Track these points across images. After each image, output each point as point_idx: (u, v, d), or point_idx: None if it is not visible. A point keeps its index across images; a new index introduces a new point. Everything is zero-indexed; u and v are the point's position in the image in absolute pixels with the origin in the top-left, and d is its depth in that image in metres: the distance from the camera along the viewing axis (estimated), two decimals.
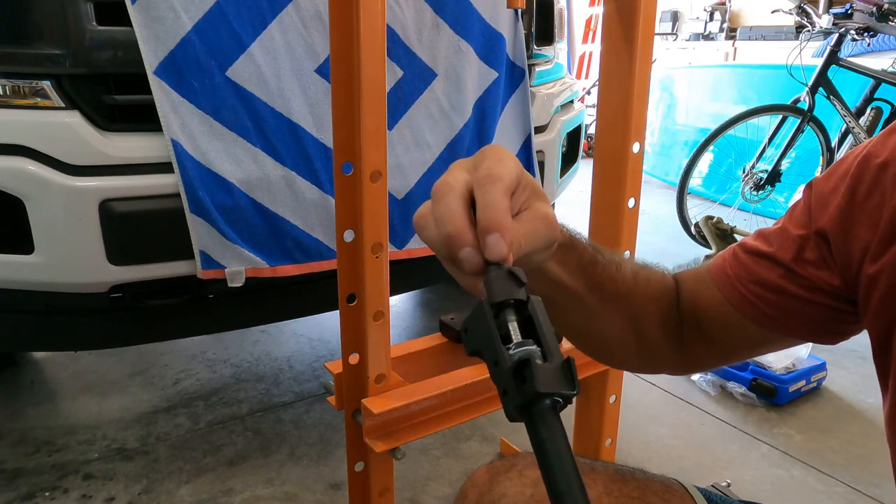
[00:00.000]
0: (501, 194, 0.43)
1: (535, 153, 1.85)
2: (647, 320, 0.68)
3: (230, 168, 1.38)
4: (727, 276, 0.66)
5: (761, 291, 0.63)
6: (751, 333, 0.66)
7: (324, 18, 1.40)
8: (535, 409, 0.38)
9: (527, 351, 0.40)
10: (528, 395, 0.38)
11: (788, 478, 1.68)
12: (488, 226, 0.42)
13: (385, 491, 1.22)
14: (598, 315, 0.65)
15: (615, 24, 1.12)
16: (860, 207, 0.57)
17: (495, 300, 0.41)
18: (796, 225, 0.63)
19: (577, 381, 0.39)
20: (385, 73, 1.00)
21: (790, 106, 3.34)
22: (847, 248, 0.58)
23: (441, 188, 0.44)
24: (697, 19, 7.03)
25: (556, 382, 0.38)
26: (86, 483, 1.65)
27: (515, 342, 0.41)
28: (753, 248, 0.66)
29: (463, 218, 0.43)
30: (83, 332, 1.57)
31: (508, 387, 0.39)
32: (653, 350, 0.70)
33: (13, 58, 1.27)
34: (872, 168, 0.57)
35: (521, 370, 0.39)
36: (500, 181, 0.43)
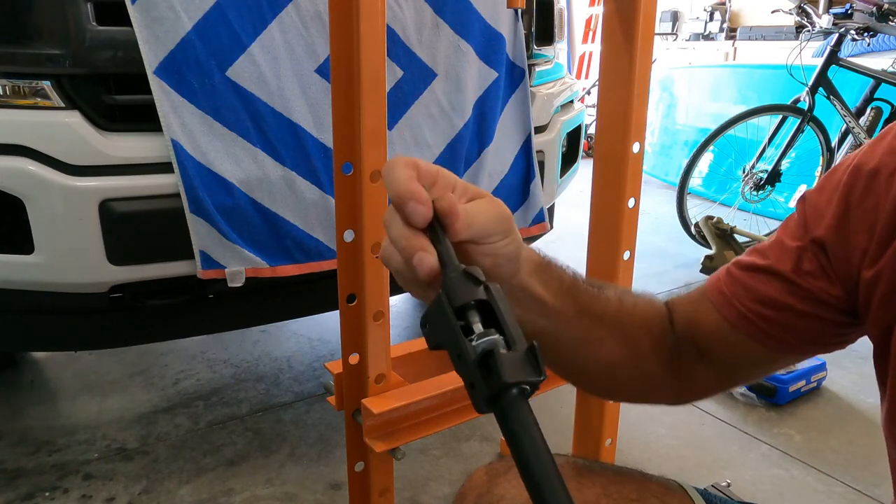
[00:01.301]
0: (403, 168, 0.46)
1: (535, 153, 1.85)
2: (640, 343, 0.67)
3: (230, 168, 1.38)
4: (724, 296, 0.65)
5: (761, 309, 0.63)
6: (753, 353, 0.65)
7: (324, 18, 1.40)
8: (504, 400, 0.38)
9: (490, 341, 0.40)
10: (495, 386, 0.38)
11: (788, 478, 1.68)
12: (399, 197, 0.45)
13: (385, 491, 1.22)
14: (590, 342, 0.65)
15: (615, 24, 1.12)
16: (855, 214, 0.57)
17: (456, 304, 0.41)
18: (792, 237, 0.63)
19: (542, 366, 0.39)
20: (385, 73, 1.00)
21: (790, 106, 3.34)
22: (846, 256, 0.58)
23: (385, 219, 0.48)
24: (697, 19, 7.03)
25: (522, 370, 0.38)
26: (86, 483, 1.65)
27: (477, 333, 0.40)
28: (749, 263, 0.65)
29: (404, 226, 0.46)
30: (83, 332, 1.57)
31: (475, 379, 0.39)
32: (650, 376, 0.69)
33: (13, 58, 1.27)
34: (864, 175, 0.57)
35: (485, 361, 0.39)
36: (401, 166, 0.47)
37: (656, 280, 3.05)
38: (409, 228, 0.46)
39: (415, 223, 0.45)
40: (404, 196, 0.45)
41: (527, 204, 1.89)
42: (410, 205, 0.45)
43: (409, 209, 0.45)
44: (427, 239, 0.45)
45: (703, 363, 0.68)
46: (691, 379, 0.69)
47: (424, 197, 0.45)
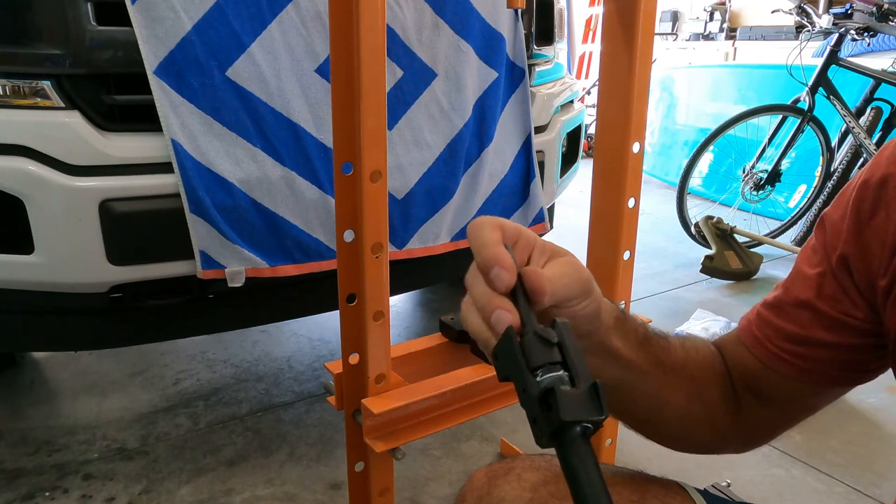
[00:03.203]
0: (490, 231, 0.48)
1: (535, 153, 1.85)
2: (710, 392, 0.68)
3: (230, 168, 1.38)
4: (756, 339, 0.67)
5: (791, 346, 0.63)
6: (798, 390, 0.66)
7: (324, 18, 1.40)
8: (565, 438, 0.38)
9: (553, 378, 0.40)
10: (555, 424, 0.38)
11: (788, 478, 1.68)
12: (485, 263, 0.46)
13: (385, 491, 1.22)
14: (665, 394, 0.65)
15: (615, 24, 1.12)
16: (868, 228, 0.58)
17: (531, 366, 0.42)
18: (811, 265, 0.63)
19: (605, 405, 0.39)
20: (385, 73, 1.00)
21: (790, 106, 3.34)
22: (866, 269, 0.58)
23: (467, 279, 0.50)
24: (697, 19, 7.03)
25: (582, 409, 0.38)
26: (86, 483, 1.65)
27: (543, 367, 0.41)
28: (774, 301, 0.66)
29: (486, 287, 0.47)
30: (83, 332, 1.57)
31: (536, 414, 0.39)
32: (719, 423, 0.69)
33: (13, 58, 1.27)
34: (872, 187, 0.58)
35: (546, 398, 0.39)
36: (489, 228, 0.48)
37: (656, 280, 3.05)
38: (489, 290, 0.46)
39: (497, 289, 0.46)
40: (489, 261, 0.46)
41: (527, 204, 1.89)
42: (495, 270, 0.46)
43: (493, 274, 0.46)
44: (508, 299, 0.46)
45: (761, 403, 0.69)
46: (754, 422, 0.70)
47: (510, 263, 0.46)
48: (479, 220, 0.48)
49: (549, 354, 0.42)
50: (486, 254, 0.46)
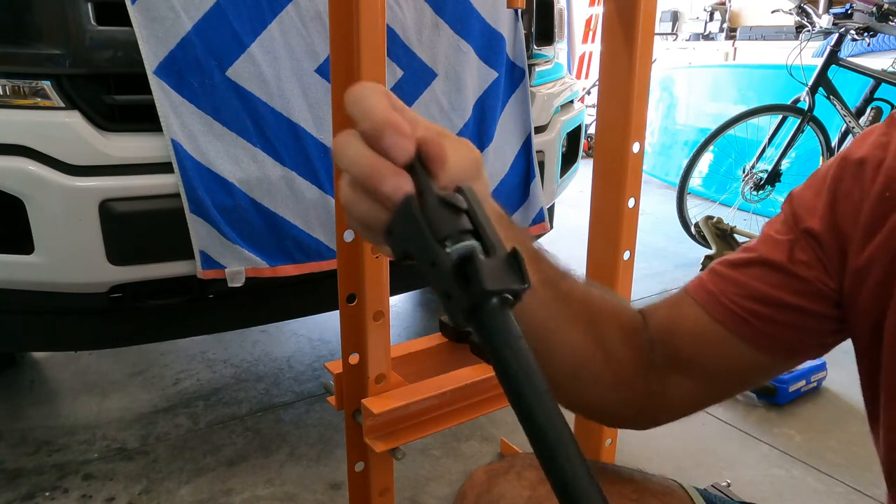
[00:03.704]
0: (377, 96, 0.40)
1: (535, 153, 1.85)
2: (609, 336, 0.62)
3: (230, 168, 1.38)
4: (711, 294, 0.63)
5: (752, 305, 0.61)
6: (739, 356, 0.62)
7: (324, 18, 1.40)
8: (484, 311, 0.34)
9: (467, 247, 0.35)
10: (474, 296, 0.34)
11: (788, 478, 1.68)
12: (377, 128, 0.38)
13: (385, 491, 1.22)
14: (553, 322, 0.59)
15: (615, 24, 1.12)
16: (843, 204, 0.58)
17: (440, 235, 0.36)
18: (781, 232, 0.62)
19: (526, 273, 0.35)
20: (385, 73, 1.00)
21: (790, 106, 3.34)
22: (838, 245, 0.58)
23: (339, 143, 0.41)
24: (697, 19, 7.03)
25: (503, 277, 0.35)
26: (86, 483, 1.65)
27: (451, 237, 0.36)
28: (739, 259, 0.63)
29: (369, 150, 0.39)
30: (83, 332, 1.57)
31: (451, 288, 0.35)
32: (620, 379, 0.63)
33: (13, 58, 1.27)
34: (851, 165, 0.58)
35: (463, 268, 0.35)
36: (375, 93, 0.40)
37: (656, 280, 3.05)
38: (375, 154, 0.39)
39: (394, 159, 0.39)
40: (383, 126, 0.38)
41: (527, 204, 1.89)
42: (391, 137, 0.38)
43: (390, 142, 0.38)
44: (401, 168, 0.39)
45: (681, 373, 0.64)
46: (666, 391, 0.65)
47: (408, 131, 0.39)
48: (360, 85, 0.40)
49: (457, 222, 0.37)
50: (377, 118, 0.38)
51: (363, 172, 0.39)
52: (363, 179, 0.39)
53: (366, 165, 0.39)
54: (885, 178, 0.56)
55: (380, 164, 0.38)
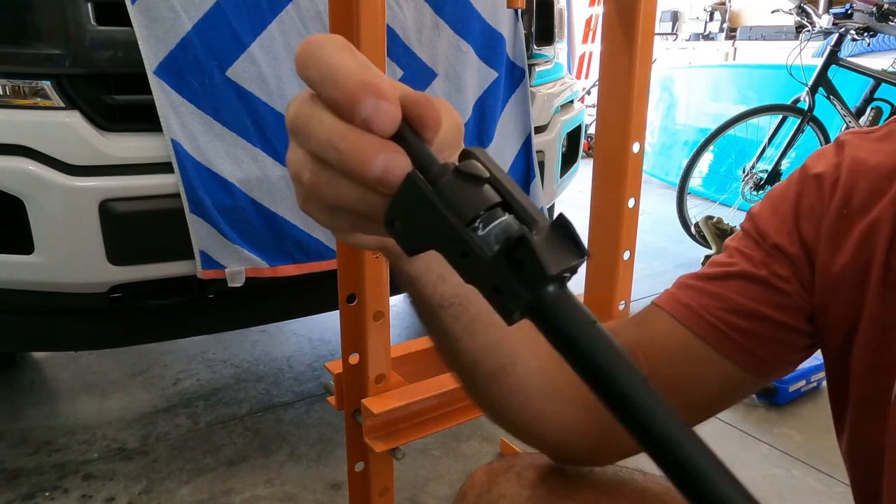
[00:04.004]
0: (341, 51, 0.31)
1: (535, 153, 1.85)
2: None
3: (230, 168, 1.38)
4: (689, 308, 0.60)
5: (733, 319, 0.59)
6: (721, 374, 0.60)
7: (324, 18, 1.40)
8: (548, 301, 0.28)
9: (509, 226, 0.29)
10: (535, 286, 0.27)
11: (788, 478, 1.68)
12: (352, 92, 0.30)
13: (385, 491, 1.22)
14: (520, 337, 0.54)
15: (615, 24, 1.12)
16: (806, 218, 0.59)
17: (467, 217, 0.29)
18: (750, 248, 0.61)
19: (581, 242, 0.29)
20: (385, 73, 1.00)
21: (790, 106, 3.34)
22: (807, 259, 0.59)
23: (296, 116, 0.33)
24: (697, 19, 7.03)
25: (559, 254, 0.28)
26: (86, 483, 1.65)
27: (481, 218, 0.29)
28: (715, 273, 0.61)
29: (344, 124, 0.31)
30: (83, 332, 1.57)
31: (500, 282, 0.28)
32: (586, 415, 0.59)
33: (13, 58, 1.27)
34: (810, 180, 0.60)
35: (512, 255, 0.28)
36: (336, 47, 0.32)
37: (656, 280, 3.05)
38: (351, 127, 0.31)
39: (379, 129, 0.30)
40: (357, 88, 0.30)
41: None
42: (372, 102, 0.30)
43: (371, 109, 0.30)
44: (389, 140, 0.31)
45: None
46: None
47: (390, 92, 0.30)
48: (315, 39, 0.32)
49: (483, 196, 0.29)
50: (349, 80, 0.30)
51: (341, 152, 0.30)
52: (342, 161, 0.31)
53: (344, 142, 0.30)
54: (842, 193, 0.57)
55: (362, 139, 0.30)
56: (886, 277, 0.55)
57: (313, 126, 0.31)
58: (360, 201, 0.32)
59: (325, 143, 0.31)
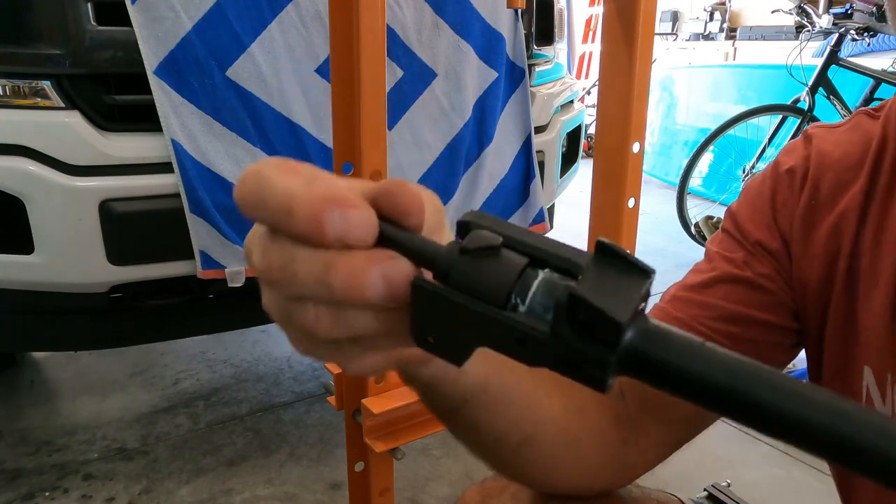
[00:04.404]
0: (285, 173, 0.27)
1: (535, 153, 1.85)
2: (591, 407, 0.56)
3: (230, 168, 1.38)
4: (681, 322, 0.59)
5: (724, 326, 0.59)
6: None
7: (324, 18, 1.40)
8: (640, 350, 0.24)
9: (544, 286, 0.25)
10: (617, 342, 0.23)
11: (788, 478, 1.68)
12: (312, 213, 0.25)
13: (385, 491, 1.22)
14: (539, 398, 0.52)
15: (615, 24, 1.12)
16: (781, 213, 0.60)
17: (501, 298, 0.25)
18: (730, 249, 0.61)
19: (639, 260, 0.25)
20: (385, 73, 1.00)
21: (790, 106, 3.34)
22: (787, 253, 0.60)
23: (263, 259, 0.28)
24: (697, 19, 7.03)
25: (625, 287, 0.24)
26: (86, 483, 1.65)
27: (515, 291, 0.25)
28: (699, 281, 0.61)
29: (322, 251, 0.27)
30: (83, 332, 1.57)
31: (574, 355, 0.24)
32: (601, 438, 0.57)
33: (13, 58, 1.27)
34: (783, 175, 0.61)
35: (574, 320, 0.23)
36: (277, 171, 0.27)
37: (656, 280, 3.03)
38: (330, 252, 0.26)
39: (360, 240, 0.26)
40: (318, 208, 0.25)
41: (527, 204, 1.89)
42: (337, 216, 0.25)
43: (340, 222, 0.25)
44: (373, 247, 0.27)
45: (653, 414, 0.59)
46: (639, 440, 0.59)
47: (353, 197, 0.26)
48: (248, 175, 0.27)
49: (508, 265, 0.25)
50: (305, 203, 0.25)
51: (330, 285, 0.26)
52: (336, 294, 0.26)
53: (329, 273, 0.26)
54: (811, 186, 0.58)
55: (347, 262, 0.26)
56: (852, 266, 0.56)
57: (289, 270, 0.27)
58: (370, 326, 0.28)
59: (311, 283, 0.26)
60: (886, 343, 0.54)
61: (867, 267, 0.55)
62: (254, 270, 0.29)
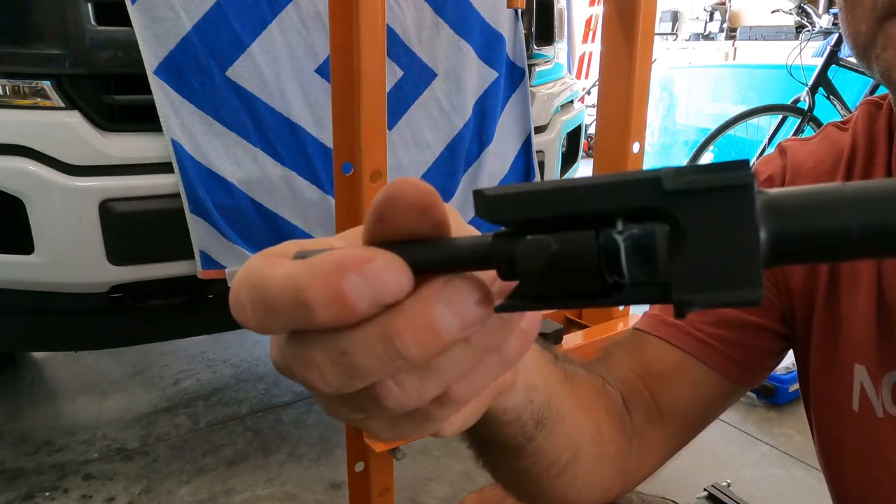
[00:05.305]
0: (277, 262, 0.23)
1: (535, 153, 1.85)
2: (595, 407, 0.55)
3: (230, 168, 1.38)
4: (677, 328, 0.60)
5: (720, 332, 0.59)
6: (714, 388, 0.60)
7: (324, 18, 1.40)
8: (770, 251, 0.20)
9: (636, 248, 0.21)
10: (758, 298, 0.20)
11: (788, 478, 1.68)
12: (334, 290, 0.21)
13: (385, 491, 1.22)
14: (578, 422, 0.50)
15: (615, 24, 1.12)
16: None
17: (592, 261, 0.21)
18: None
19: (725, 165, 0.20)
20: (385, 73, 1.00)
21: (790, 106, 3.34)
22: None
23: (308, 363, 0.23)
24: (697, 19, 7.03)
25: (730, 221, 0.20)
26: (86, 483, 1.65)
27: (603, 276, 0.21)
28: None
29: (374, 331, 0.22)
30: (83, 332, 1.57)
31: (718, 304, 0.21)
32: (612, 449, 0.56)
33: (13, 58, 1.27)
34: (763, 183, 0.62)
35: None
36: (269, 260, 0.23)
37: None
38: (374, 324, 0.22)
39: (395, 290, 0.21)
40: (335, 281, 0.21)
41: None
42: (355, 280, 0.21)
43: (366, 280, 0.21)
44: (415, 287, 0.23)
45: (656, 422, 0.60)
46: (643, 447, 0.59)
47: (359, 252, 0.21)
48: (238, 289, 0.23)
49: (580, 246, 0.21)
50: (320, 284, 0.21)
51: (405, 355, 0.22)
52: (413, 360, 0.22)
53: (395, 345, 0.22)
54: None
55: (403, 321, 0.22)
56: (833, 268, 0.57)
57: (346, 366, 0.22)
58: (460, 361, 0.24)
59: (379, 367, 0.22)
60: (875, 341, 0.55)
61: (848, 267, 0.57)
62: (314, 391, 0.24)
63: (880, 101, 0.60)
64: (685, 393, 0.60)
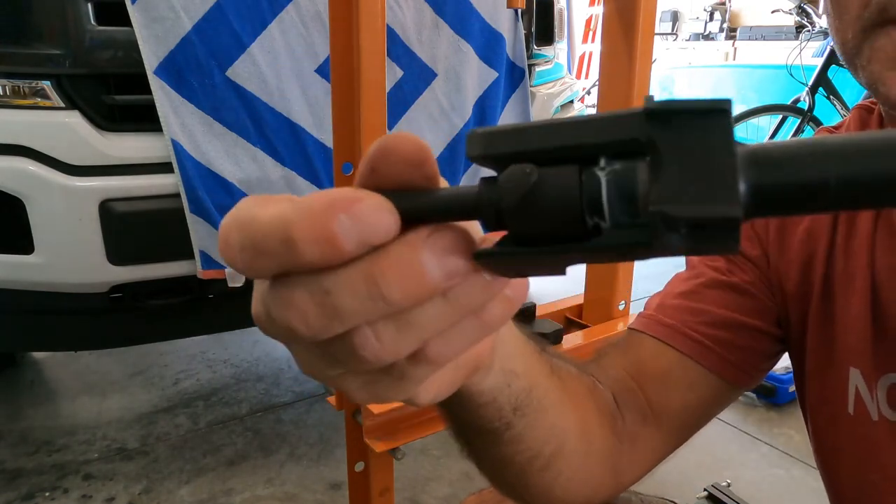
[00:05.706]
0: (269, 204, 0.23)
1: None
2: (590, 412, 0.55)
3: (230, 168, 1.38)
4: (671, 328, 0.60)
5: (715, 332, 0.59)
6: (710, 389, 0.59)
7: (324, 18, 1.40)
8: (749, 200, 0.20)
9: (618, 184, 0.21)
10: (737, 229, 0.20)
11: (788, 478, 1.68)
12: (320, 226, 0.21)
13: (385, 491, 1.22)
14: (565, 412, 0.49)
15: (615, 24, 1.12)
16: (757, 221, 0.59)
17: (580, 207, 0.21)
18: (713, 258, 0.61)
19: (703, 102, 0.22)
20: (385, 73, 1.00)
21: (790, 106, 3.34)
22: (767, 261, 0.60)
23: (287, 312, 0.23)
24: (697, 19, 7.03)
25: (710, 150, 0.20)
26: (86, 483, 1.65)
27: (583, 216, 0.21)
28: (689, 288, 0.61)
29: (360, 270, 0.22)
30: (83, 332, 1.57)
31: (699, 249, 0.21)
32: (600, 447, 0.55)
33: (13, 58, 1.27)
34: None
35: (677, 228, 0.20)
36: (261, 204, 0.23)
37: (656, 280, 3.04)
38: (361, 264, 0.22)
39: (383, 232, 0.22)
40: (323, 217, 0.21)
41: None
42: (346, 216, 0.21)
43: (355, 220, 0.21)
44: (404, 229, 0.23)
45: (650, 424, 0.59)
46: (634, 447, 0.58)
47: (350, 193, 0.22)
48: (226, 231, 0.23)
49: (563, 182, 0.21)
50: (305, 220, 0.21)
51: (387, 296, 0.22)
52: (395, 303, 0.22)
53: (379, 286, 0.21)
54: None
55: (390, 263, 0.22)
56: (827, 271, 0.57)
57: (328, 307, 0.22)
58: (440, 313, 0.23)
59: (360, 307, 0.22)
60: (869, 344, 0.55)
61: (842, 270, 0.56)
62: (283, 338, 0.24)
63: (871, 105, 0.59)
64: (680, 393, 0.59)
